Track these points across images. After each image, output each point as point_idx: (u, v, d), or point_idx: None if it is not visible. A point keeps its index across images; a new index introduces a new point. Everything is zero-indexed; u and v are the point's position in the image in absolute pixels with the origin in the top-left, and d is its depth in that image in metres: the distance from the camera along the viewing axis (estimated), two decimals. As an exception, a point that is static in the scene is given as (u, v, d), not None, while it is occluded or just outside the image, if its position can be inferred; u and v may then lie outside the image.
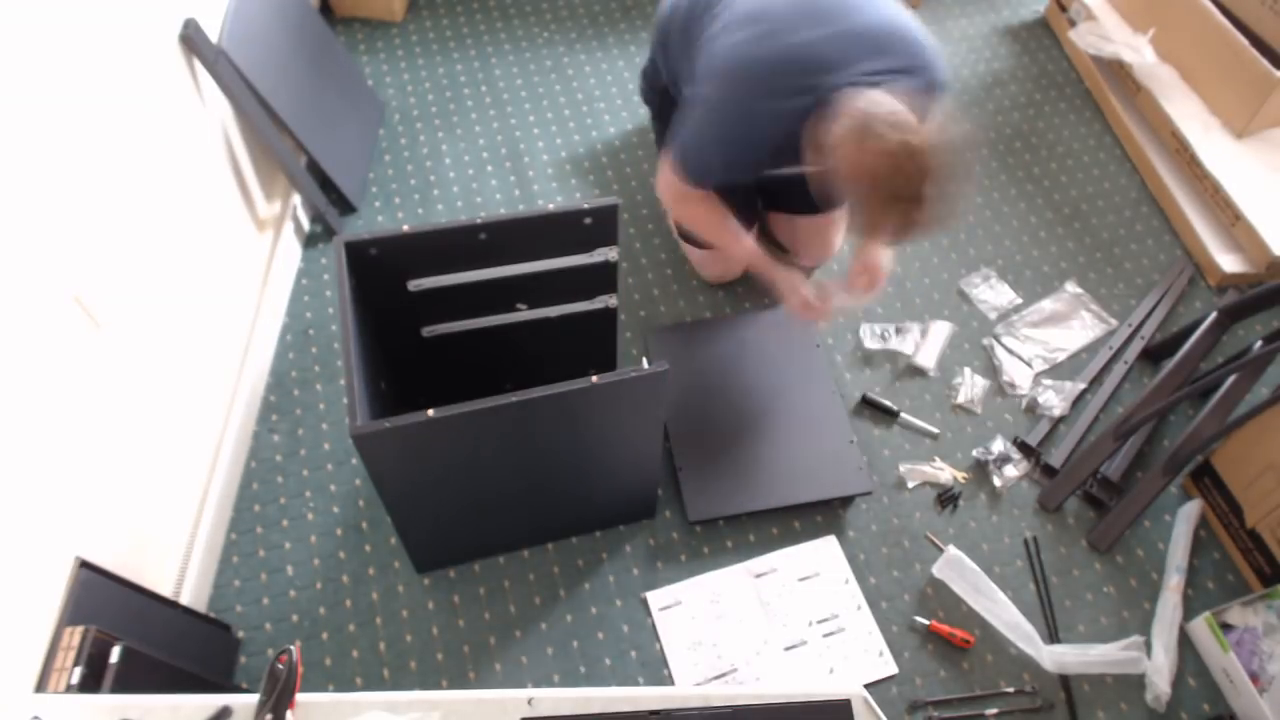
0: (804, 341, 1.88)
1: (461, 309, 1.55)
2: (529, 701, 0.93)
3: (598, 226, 1.46)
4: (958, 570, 1.62)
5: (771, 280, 1.73)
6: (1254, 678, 1.50)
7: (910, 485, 1.75)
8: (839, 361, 1.90)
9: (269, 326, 1.84)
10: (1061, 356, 1.93)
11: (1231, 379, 1.70)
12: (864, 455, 1.74)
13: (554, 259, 1.50)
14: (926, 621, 1.59)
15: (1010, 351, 1.92)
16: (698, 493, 1.68)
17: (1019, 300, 1.98)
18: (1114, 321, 1.98)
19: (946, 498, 1.74)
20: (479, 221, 1.40)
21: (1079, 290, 2.02)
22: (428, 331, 1.57)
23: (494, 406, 1.24)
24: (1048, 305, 2.00)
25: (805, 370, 1.84)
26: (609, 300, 1.61)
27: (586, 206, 1.43)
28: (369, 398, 1.32)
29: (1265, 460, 1.59)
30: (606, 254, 1.52)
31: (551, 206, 1.42)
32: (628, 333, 1.92)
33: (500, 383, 1.73)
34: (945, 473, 1.76)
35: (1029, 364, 1.91)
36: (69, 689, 1.10)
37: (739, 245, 1.71)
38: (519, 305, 1.57)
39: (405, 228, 1.39)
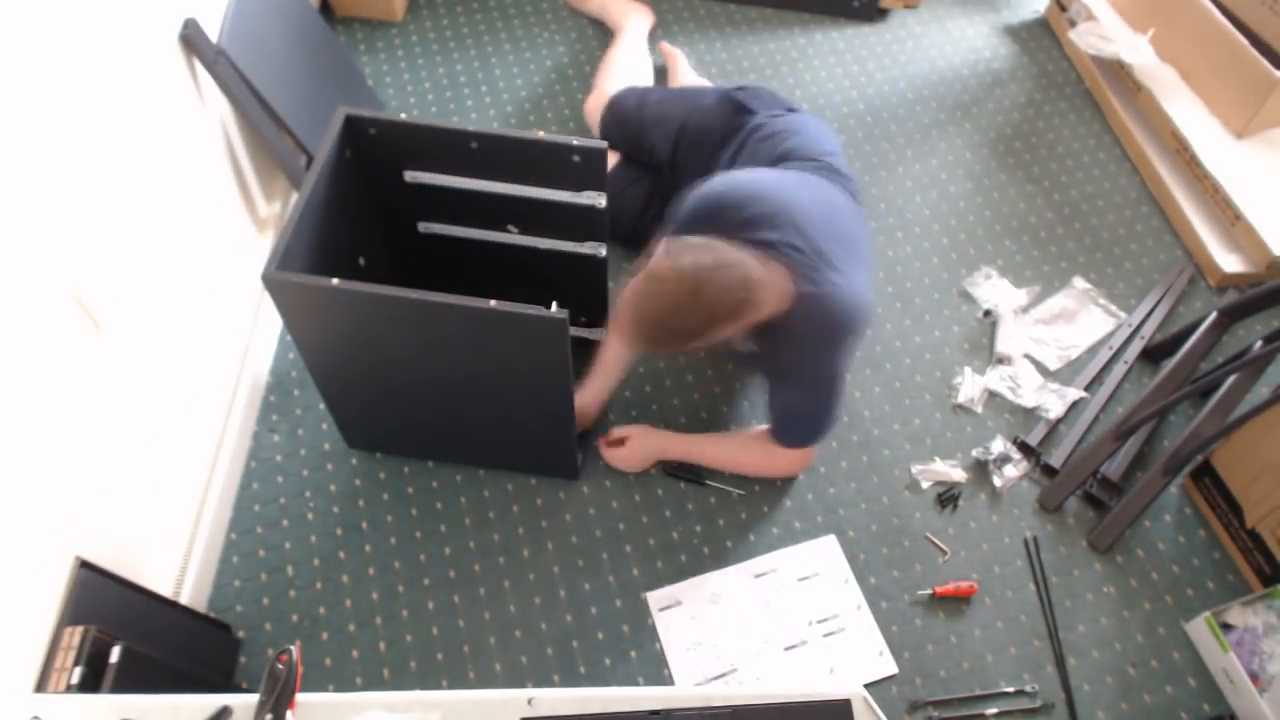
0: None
1: (457, 215, 1.62)
2: (529, 701, 0.93)
3: (585, 167, 1.48)
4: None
5: None
6: (1254, 678, 1.50)
7: (924, 486, 1.75)
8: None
9: (269, 326, 1.84)
10: (1075, 353, 1.92)
11: (1231, 379, 1.70)
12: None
13: (543, 189, 1.53)
14: (930, 591, 1.61)
15: (1027, 356, 1.91)
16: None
17: (1025, 299, 1.98)
18: (1123, 315, 1.98)
19: (946, 498, 1.74)
20: (470, 130, 1.46)
21: (1086, 285, 2.02)
22: (424, 228, 1.62)
23: (394, 297, 1.29)
24: (1057, 302, 1.99)
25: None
26: (598, 249, 1.61)
27: (575, 144, 1.45)
28: (311, 250, 1.39)
29: (1265, 460, 1.59)
30: (594, 199, 1.52)
31: (540, 134, 1.46)
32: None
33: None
34: (959, 470, 1.76)
35: (1044, 365, 1.90)
36: (69, 689, 1.10)
37: None
38: (510, 227, 1.61)
39: (402, 116, 1.47)
